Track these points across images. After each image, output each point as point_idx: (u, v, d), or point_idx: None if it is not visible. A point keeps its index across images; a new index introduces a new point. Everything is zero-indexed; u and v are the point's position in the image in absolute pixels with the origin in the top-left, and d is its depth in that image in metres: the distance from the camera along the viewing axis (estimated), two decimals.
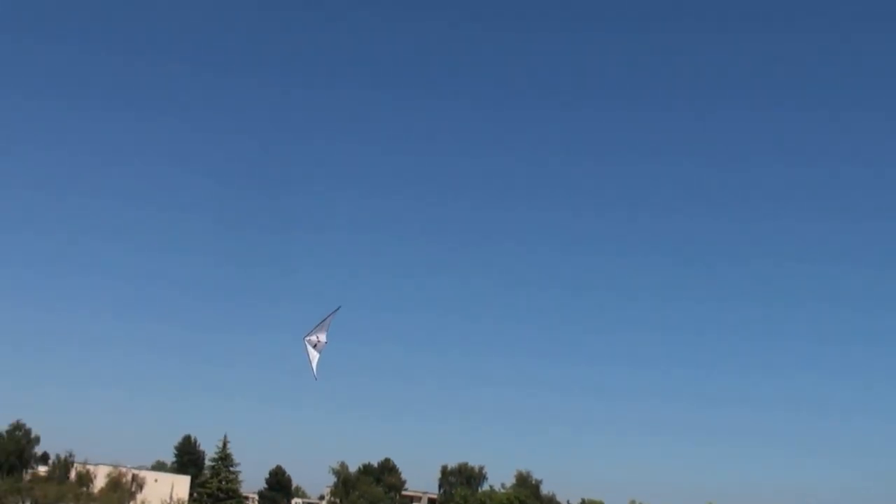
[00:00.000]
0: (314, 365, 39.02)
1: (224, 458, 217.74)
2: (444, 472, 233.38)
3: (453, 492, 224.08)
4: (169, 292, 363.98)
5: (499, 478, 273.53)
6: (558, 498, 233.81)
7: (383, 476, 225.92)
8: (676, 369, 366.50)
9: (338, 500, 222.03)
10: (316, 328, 37.65)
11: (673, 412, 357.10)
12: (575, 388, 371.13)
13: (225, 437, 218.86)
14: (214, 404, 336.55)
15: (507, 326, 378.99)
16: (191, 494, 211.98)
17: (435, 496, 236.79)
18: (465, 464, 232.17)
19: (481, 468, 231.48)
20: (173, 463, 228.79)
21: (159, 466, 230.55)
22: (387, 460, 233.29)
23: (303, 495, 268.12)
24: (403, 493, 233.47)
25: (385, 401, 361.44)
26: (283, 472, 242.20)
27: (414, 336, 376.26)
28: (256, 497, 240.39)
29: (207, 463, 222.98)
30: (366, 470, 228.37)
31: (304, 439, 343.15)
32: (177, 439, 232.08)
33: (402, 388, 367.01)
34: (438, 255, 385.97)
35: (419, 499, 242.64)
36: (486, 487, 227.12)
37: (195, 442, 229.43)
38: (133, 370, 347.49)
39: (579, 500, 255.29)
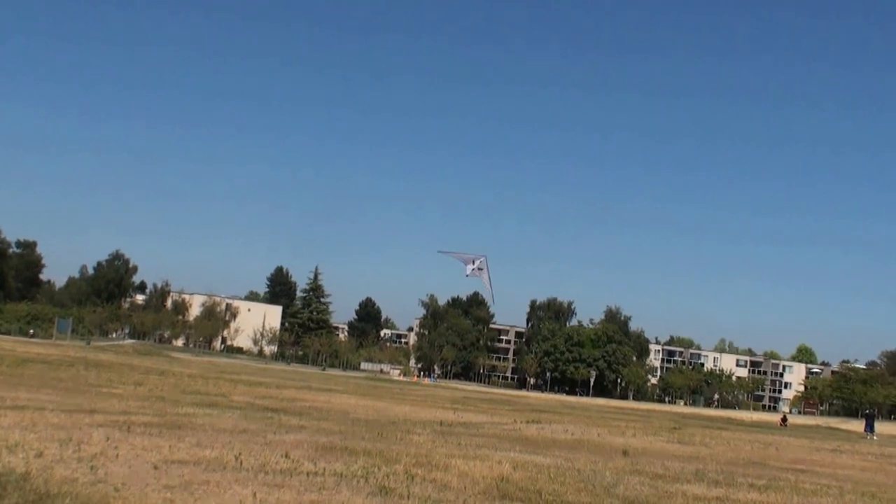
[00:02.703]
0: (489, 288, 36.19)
1: (315, 290, 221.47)
2: (533, 307, 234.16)
3: (541, 326, 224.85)
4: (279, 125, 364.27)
5: (587, 313, 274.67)
6: (646, 335, 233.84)
7: (472, 309, 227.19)
8: (770, 213, 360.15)
9: (426, 332, 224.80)
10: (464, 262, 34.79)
11: (764, 255, 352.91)
12: (665, 229, 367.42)
13: (316, 269, 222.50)
14: (307, 236, 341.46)
15: (597, 169, 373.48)
16: (282, 324, 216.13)
17: (522, 330, 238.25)
18: (555, 299, 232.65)
19: (570, 303, 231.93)
20: (266, 293, 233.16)
21: (252, 297, 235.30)
22: (476, 294, 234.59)
23: (392, 327, 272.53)
24: (491, 326, 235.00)
25: (476, 237, 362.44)
26: (373, 304, 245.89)
27: (502, 176, 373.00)
28: (346, 327, 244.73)
29: (299, 294, 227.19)
30: (455, 303, 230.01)
31: (396, 273, 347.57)
32: (270, 271, 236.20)
33: (493, 223, 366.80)
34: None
35: (507, 332, 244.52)
36: (574, 323, 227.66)
37: (287, 273, 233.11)
38: (227, 203, 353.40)
39: (668, 338, 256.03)
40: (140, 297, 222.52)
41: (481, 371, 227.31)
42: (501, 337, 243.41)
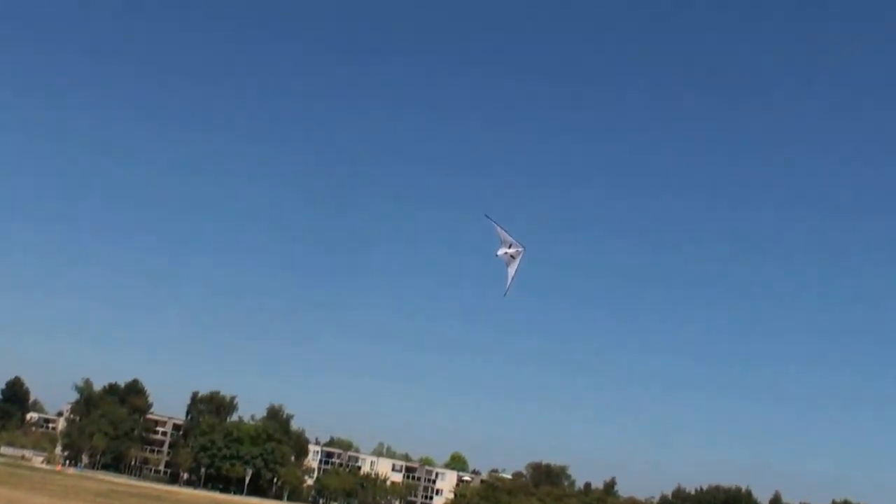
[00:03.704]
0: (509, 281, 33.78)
1: None
2: (195, 399, 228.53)
3: (201, 419, 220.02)
4: None
5: (250, 409, 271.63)
6: (307, 435, 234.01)
7: (129, 398, 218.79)
8: (432, 322, 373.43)
9: (77, 418, 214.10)
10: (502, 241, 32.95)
11: (429, 361, 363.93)
12: (333, 331, 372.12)
13: None
14: None
15: (267, 272, 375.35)
16: None
17: (181, 422, 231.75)
18: (217, 392, 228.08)
19: (233, 398, 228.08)
20: None
21: None
22: (135, 381, 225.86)
23: (41, 410, 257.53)
24: (148, 416, 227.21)
25: (139, 322, 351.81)
26: (22, 385, 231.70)
27: (185, 270, 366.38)
28: None
29: None
30: (112, 390, 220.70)
31: (50, 352, 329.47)
32: None
33: (158, 314, 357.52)
34: None
35: (164, 423, 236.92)
36: (235, 418, 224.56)
37: None
38: None
39: (328, 438, 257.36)
40: None
41: (133, 463, 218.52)
42: (158, 428, 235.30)
